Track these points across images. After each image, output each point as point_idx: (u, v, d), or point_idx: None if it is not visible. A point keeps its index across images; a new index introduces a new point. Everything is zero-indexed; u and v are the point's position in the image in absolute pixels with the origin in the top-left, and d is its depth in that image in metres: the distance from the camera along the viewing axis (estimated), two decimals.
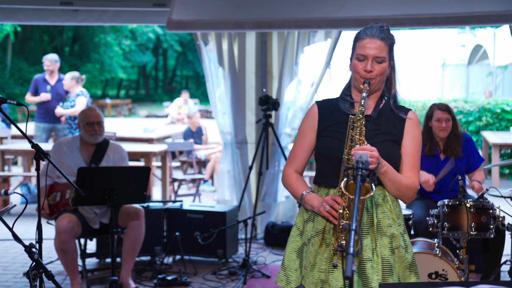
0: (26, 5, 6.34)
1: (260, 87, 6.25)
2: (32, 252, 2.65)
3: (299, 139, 2.58)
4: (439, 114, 4.57)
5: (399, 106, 2.55)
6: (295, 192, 2.54)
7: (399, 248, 2.44)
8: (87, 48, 25.58)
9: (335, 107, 2.53)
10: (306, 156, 2.57)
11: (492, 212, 3.97)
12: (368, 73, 2.41)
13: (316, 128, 2.53)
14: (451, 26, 6.01)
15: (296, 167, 2.57)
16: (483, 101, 10.65)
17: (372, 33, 2.43)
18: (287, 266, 2.52)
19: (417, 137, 2.51)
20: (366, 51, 2.41)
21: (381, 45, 2.42)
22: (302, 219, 2.54)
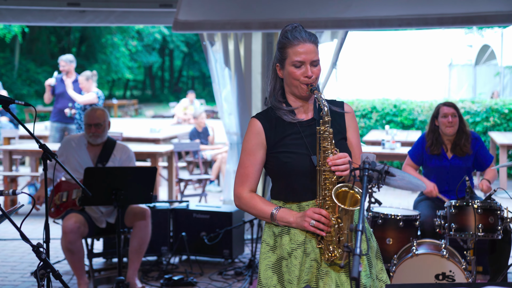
0: (33, 6, 6.37)
1: (266, 88, 6.24)
2: (39, 251, 2.66)
3: (249, 158, 2.47)
4: (445, 109, 4.57)
5: (331, 100, 2.53)
6: (260, 212, 2.45)
7: (370, 240, 2.51)
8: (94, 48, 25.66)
9: (276, 119, 2.46)
10: (258, 175, 2.50)
11: (500, 213, 3.95)
12: (310, 79, 2.39)
13: (265, 144, 2.45)
14: (458, 26, 5.99)
15: (251, 187, 2.49)
16: (491, 102, 10.60)
17: (302, 36, 2.39)
18: (265, 284, 2.44)
19: (357, 128, 2.56)
20: (303, 57, 2.38)
21: (314, 48, 2.41)
22: (272, 234, 2.47)
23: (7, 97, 3.02)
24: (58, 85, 8.28)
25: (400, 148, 7.29)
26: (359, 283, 1.93)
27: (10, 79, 21.02)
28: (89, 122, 4.65)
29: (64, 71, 8.22)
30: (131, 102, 25.31)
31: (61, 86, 8.27)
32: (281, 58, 2.45)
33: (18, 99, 3.26)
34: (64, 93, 8.20)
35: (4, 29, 18.22)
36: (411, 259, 3.84)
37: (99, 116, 4.68)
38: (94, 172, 4.29)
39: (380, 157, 7.13)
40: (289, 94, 2.49)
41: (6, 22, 9.53)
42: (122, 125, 12.35)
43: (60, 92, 8.23)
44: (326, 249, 2.34)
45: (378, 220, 4.23)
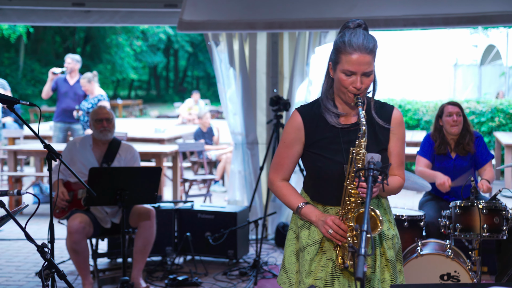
0: (38, 6, 6.39)
1: (271, 88, 6.25)
2: (44, 251, 2.67)
3: (286, 150, 2.49)
4: (450, 108, 4.56)
5: (382, 105, 2.48)
6: (288, 203, 2.51)
7: (396, 245, 2.51)
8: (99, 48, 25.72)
9: (320, 118, 2.43)
10: (293, 166, 2.54)
11: (505, 213, 3.93)
12: (357, 90, 2.32)
13: (303, 140, 2.46)
14: (464, 26, 5.98)
15: (285, 176, 2.54)
16: (496, 102, 10.57)
17: (358, 45, 2.29)
18: (288, 269, 2.53)
19: (402, 136, 2.51)
20: (355, 68, 2.30)
21: (368, 59, 2.30)
22: (296, 224, 2.53)
23: (12, 97, 3.02)
24: (61, 85, 8.28)
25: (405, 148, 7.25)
26: (364, 283, 1.92)
27: (15, 79, 21.09)
28: (100, 117, 4.69)
29: (68, 68, 8.23)
30: (136, 102, 25.35)
31: (65, 86, 8.27)
32: (334, 60, 2.38)
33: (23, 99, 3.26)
34: (67, 92, 8.21)
35: (9, 29, 18.28)
36: (416, 259, 3.83)
37: (108, 112, 4.76)
38: (99, 172, 4.30)
39: None
40: (336, 95, 2.44)
41: (11, 22, 9.56)
42: (127, 125, 12.36)
43: (64, 91, 8.23)
44: (339, 255, 2.38)
45: None
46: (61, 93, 8.25)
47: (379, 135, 2.45)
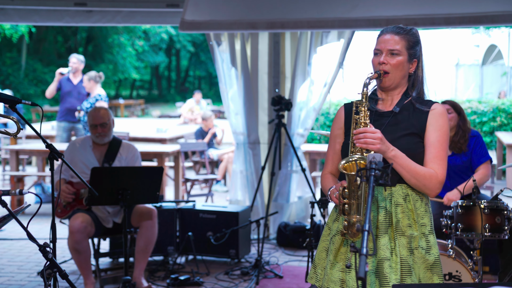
0: (40, 6, 6.40)
1: (273, 88, 6.25)
2: (46, 251, 2.67)
3: (330, 142, 2.63)
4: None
5: (425, 100, 2.54)
6: (325, 189, 2.58)
7: (419, 249, 2.41)
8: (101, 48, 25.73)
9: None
10: (338, 158, 2.59)
11: (507, 213, 3.93)
12: (381, 65, 2.42)
13: (343, 129, 2.56)
14: (465, 26, 5.98)
15: (330, 169, 2.63)
16: (497, 102, 10.56)
17: (389, 29, 2.48)
18: (317, 264, 2.57)
19: (441, 127, 2.46)
20: (380, 45, 2.45)
21: (396, 39, 2.44)
22: (332, 219, 2.57)
23: (14, 97, 3.02)
24: (65, 84, 8.30)
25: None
26: (366, 283, 1.92)
27: (17, 79, 21.11)
28: (95, 123, 4.67)
29: (73, 68, 8.26)
30: (138, 102, 25.36)
31: (68, 85, 8.29)
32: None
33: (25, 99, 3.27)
34: (71, 92, 8.23)
35: (11, 29, 18.30)
36: None
37: (103, 116, 4.69)
38: (101, 172, 4.30)
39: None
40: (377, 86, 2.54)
41: (13, 22, 9.56)
42: (129, 125, 12.37)
43: (67, 91, 8.24)
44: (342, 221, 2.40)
45: None
46: (65, 93, 8.26)
47: (412, 120, 2.47)
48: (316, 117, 6.32)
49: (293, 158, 6.24)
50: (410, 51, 2.46)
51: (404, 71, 2.47)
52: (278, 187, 6.23)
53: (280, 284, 4.86)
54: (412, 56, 2.47)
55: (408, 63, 2.47)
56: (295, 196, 6.43)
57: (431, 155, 2.44)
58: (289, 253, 5.77)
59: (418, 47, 2.51)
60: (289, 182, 6.30)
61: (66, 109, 8.24)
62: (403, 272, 2.38)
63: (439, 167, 2.43)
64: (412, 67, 2.50)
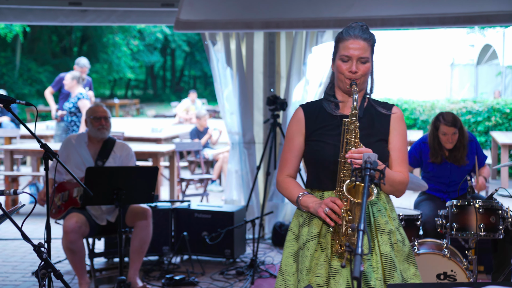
0: (35, 6, 6.38)
1: (268, 87, 6.25)
2: (40, 251, 2.66)
3: (288, 144, 2.57)
4: (445, 129, 4.53)
5: (383, 102, 2.56)
6: (290, 195, 2.52)
7: (398, 243, 2.48)
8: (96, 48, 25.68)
9: (320, 109, 2.53)
10: (296, 161, 2.57)
11: (501, 212, 3.94)
12: (353, 74, 2.42)
13: (304, 132, 2.54)
14: (460, 26, 5.99)
15: (289, 172, 2.58)
16: (492, 101, 10.59)
17: (355, 33, 2.43)
18: (284, 271, 2.53)
19: (403, 131, 2.54)
20: (350, 52, 2.42)
21: (364, 45, 2.42)
22: (297, 223, 2.54)
23: (8, 97, 3.01)
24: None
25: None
26: (361, 283, 1.92)
27: (12, 79, 21.04)
28: (99, 115, 4.71)
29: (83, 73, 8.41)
30: (133, 102, 25.31)
31: None
32: (333, 52, 2.53)
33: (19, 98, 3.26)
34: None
35: (6, 28, 18.24)
36: None
37: (105, 111, 4.80)
38: (96, 171, 4.30)
39: None
40: (337, 88, 2.54)
41: (8, 22, 9.56)
42: (124, 125, 12.34)
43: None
44: (337, 242, 2.37)
45: None
46: (65, 94, 8.31)
47: (377, 125, 2.50)
48: None
49: None
50: (372, 54, 2.49)
51: (369, 75, 2.50)
52: (273, 187, 6.23)
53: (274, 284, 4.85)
54: (372, 58, 2.50)
55: (371, 66, 2.50)
56: None
57: (399, 160, 2.52)
58: None
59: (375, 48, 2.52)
60: None
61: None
62: (388, 268, 2.42)
63: (405, 170, 2.53)
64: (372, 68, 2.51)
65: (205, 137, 9.34)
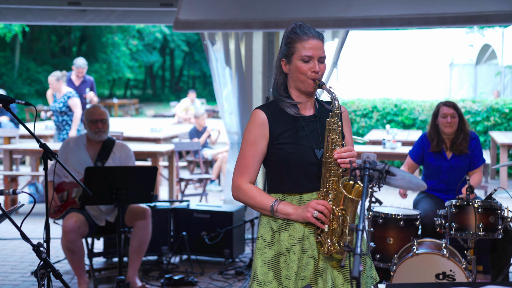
0: (34, 5, 6.37)
1: (267, 87, 6.25)
2: (40, 251, 2.66)
3: (250, 149, 2.46)
4: (445, 109, 4.57)
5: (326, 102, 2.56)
6: (260, 204, 2.43)
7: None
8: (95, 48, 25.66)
9: (280, 112, 2.46)
10: (258, 166, 2.48)
11: (500, 212, 3.95)
12: (316, 74, 2.42)
13: (268, 136, 2.45)
14: (459, 25, 5.99)
15: (251, 178, 2.47)
16: (491, 101, 10.60)
17: (312, 33, 2.42)
18: (261, 281, 2.42)
19: (350, 125, 2.60)
20: (311, 52, 2.40)
21: (322, 45, 2.43)
22: (270, 229, 2.46)
23: (8, 97, 3.02)
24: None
25: (400, 147, 7.30)
26: (360, 282, 1.92)
27: (11, 79, 21.03)
28: (96, 118, 4.68)
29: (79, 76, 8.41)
30: (132, 102, 25.30)
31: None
32: (288, 53, 2.47)
33: (18, 98, 3.25)
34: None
35: (5, 28, 18.23)
36: (411, 258, 3.84)
37: (103, 112, 4.74)
38: (95, 171, 4.30)
39: (381, 156, 7.12)
40: (292, 89, 2.49)
41: (7, 21, 9.55)
42: (123, 125, 12.34)
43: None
44: (325, 242, 2.33)
45: (379, 220, 4.23)
46: None
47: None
48: None
49: None
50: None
51: None
52: None
53: None
54: None
55: None
56: None
57: None
58: None
59: None
60: None
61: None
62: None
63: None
64: None
65: (204, 135, 9.34)
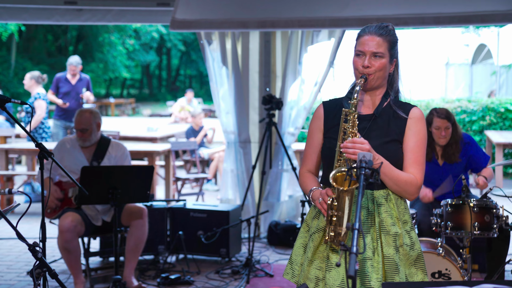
0: (30, 5, 6.36)
1: (264, 87, 6.25)
2: (35, 251, 2.66)
3: (308, 140, 2.62)
4: (438, 122, 4.52)
5: (403, 103, 2.54)
6: (305, 189, 2.57)
7: (403, 246, 2.45)
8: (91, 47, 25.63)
9: (340, 107, 2.52)
10: (316, 156, 2.60)
11: (496, 211, 3.96)
12: (366, 69, 2.43)
13: (322, 128, 2.57)
14: (455, 25, 6.01)
15: (309, 167, 2.62)
16: (487, 101, 10.62)
17: (370, 30, 2.46)
18: (293, 260, 2.58)
19: (419, 132, 2.48)
20: (364, 47, 2.44)
21: (379, 41, 2.43)
22: (311, 216, 2.57)
23: (4, 96, 3.01)
24: (63, 84, 8.46)
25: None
26: (356, 281, 1.93)
27: (7, 78, 20.99)
28: (75, 128, 4.71)
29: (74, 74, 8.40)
30: (129, 101, 25.28)
31: (66, 86, 8.41)
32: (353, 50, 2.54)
33: (14, 98, 3.26)
34: (70, 92, 8.42)
35: (1, 27, 18.19)
36: None
37: (84, 121, 4.66)
38: (91, 171, 4.29)
39: None
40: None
41: (3, 21, 9.52)
42: (119, 124, 12.33)
43: (66, 91, 8.42)
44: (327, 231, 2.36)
45: None
46: (63, 93, 8.39)
47: (392, 125, 2.48)
48: (306, 116, 6.33)
49: (283, 157, 6.25)
50: (391, 51, 2.48)
51: (386, 72, 2.48)
52: (269, 186, 6.24)
53: (270, 283, 4.86)
54: (392, 57, 2.49)
55: (389, 64, 2.48)
56: (286, 195, 6.44)
57: (410, 160, 2.47)
58: (279, 252, 5.77)
59: (397, 47, 2.52)
60: (279, 181, 6.30)
61: (64, 109, 8.34)
62: (390, 270, 2.40)
63: (417, 171, 2.47)
64: (392, 67, 2.51)
65: (200, 134, 9.34)
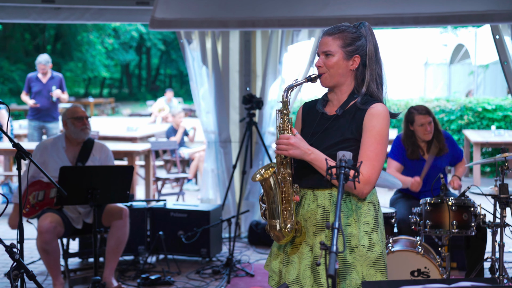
0: (7, 3, 6.28)
1: (244, 86, 6.25)
2: (13, 252, 2.63)
3: None
4: (421, 118, 4.57)
5: (370, 100, 2.47)
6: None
7: (359, 247, 2.43)
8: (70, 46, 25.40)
9: (314, 107, 2.62)
10: None
11: (474, 210, 4.01)
12: (318, 68, 2.52)
13: (301, 128, 2.63)
14: (434, 25, 6.06)
15: None
16: (465, 100, 10.75)
17: (324, 32, 2.54)
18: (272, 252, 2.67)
19: (373, 128, 2.42)
20: (318, 49, 2.53)
21: (329, 40, 2.48)
22: None
23: None
24: (34, 84, 8.35)
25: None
26: (335, 281, 1.93)
27: None
28: (81, 115, 4.64)
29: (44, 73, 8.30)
30: (108, 101, 25.10)
31: (38, 85, 8.30)
32: None
33: None
34: (41, 91, 8.29)
35: None
36: (387, 256, 3.87)
37: (84, 110, 4.73)
38: (70, 171, 4.24)
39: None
40: None
41: None
42: (99, 124, 12.24)
43: (37, 90, 8.30)
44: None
45: None
46: (35, 92, 8.30)
47: (352, 123, 2.47)
48: None
49: (264, 157, 6.25)
50: (347, 48, 2.45)
51: (342, 69, 2.47)
52: (250, 186, 6.24)
53: (251, 283, 4.86)
54: (350, 53, 2.46)
55: (346, 60, 2.46)
56: None
57: (361, 157, 2.42)
58: (260, 252, 5.78)
59: (359, 43, 2.48)
60: None
61: (36, 108, 8.24)
62: (341, 269, 2.41)
63: (367, 168, 2.40)
64: (353, 63, 2.48)
65: (179, 131, 9.31)
